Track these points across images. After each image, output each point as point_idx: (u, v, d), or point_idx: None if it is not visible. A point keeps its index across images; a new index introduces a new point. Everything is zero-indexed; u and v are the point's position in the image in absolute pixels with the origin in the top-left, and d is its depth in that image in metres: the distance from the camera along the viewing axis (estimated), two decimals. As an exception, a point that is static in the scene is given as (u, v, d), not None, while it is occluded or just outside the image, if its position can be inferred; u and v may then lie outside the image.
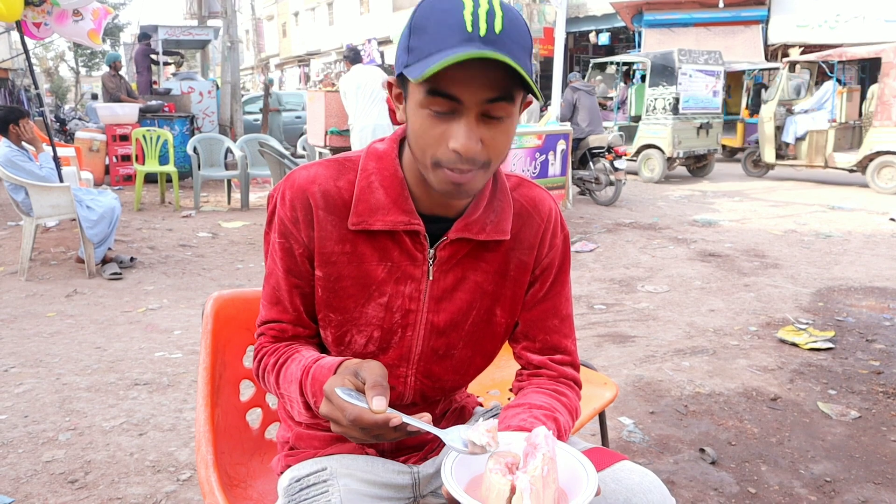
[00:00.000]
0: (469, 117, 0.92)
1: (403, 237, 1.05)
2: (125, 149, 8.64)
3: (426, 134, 0.94)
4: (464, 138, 0.91)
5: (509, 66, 0.88)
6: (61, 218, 4.96)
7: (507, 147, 0.98)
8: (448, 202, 1.05)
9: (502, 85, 0.91)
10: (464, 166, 0.93)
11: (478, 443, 0.86)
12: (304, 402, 1.01)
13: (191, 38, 11.91)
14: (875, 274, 5.03)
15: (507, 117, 0.94)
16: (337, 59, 30.70)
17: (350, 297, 1.07)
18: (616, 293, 4.60)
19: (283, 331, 1.11)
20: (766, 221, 7.20)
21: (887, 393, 2.99)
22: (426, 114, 0.93)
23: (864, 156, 9.37)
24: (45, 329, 3.73)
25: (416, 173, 1.04)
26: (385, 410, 0.83)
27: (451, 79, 0.90)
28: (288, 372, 1.04)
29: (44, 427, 2.61)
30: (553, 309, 1.15)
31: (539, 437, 0.87)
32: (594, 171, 7.98)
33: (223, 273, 4.99)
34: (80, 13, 5.32)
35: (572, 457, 0.91)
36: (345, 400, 0.84)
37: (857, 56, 10.24)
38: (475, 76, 0.90)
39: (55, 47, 33.75)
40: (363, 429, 0.84)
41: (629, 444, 2.54)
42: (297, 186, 1.06)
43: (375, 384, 0.86)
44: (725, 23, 16.46)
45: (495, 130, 0.94)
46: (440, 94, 0.91)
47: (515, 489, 0.83)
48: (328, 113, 6.88)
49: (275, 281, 1.10)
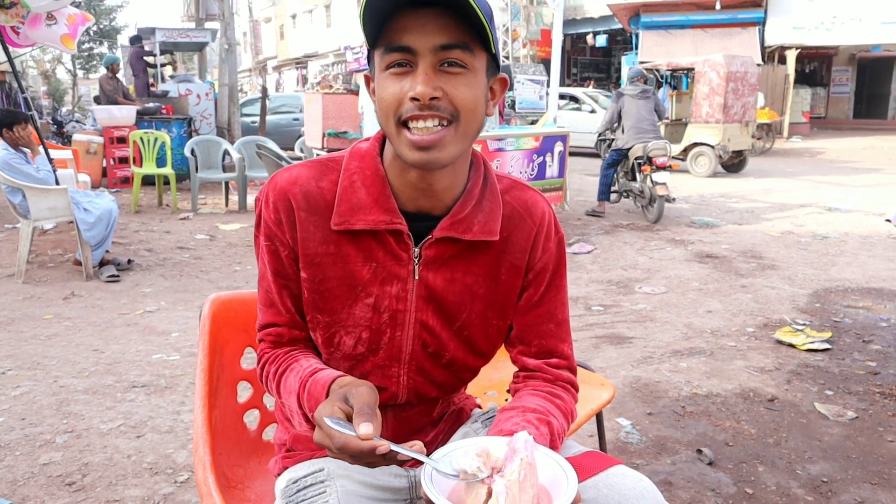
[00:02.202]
0: (425, 65, 0.93)
1: (387, 237, 1.05)
2: (123, 151, 8.63)
3: (387, 94, 0.95)
4: (420, 84, 0.92)
5: (461, 15, 0.91)
6: (58, 220, 4.95)
7: (474, 103, 0.97)
8: (430, 187, 1.03)
9: (455, 31, 0.92)
10: (426, 114, 0.93)
11: (469, 470, 0.86)
12: (303, 413, 1.03)
13: (188, 41, 11.91)
14: (871, 275, 5.05)
15: (469, 70, 0.95)
16: (335, 61, 30.71)
17: (336, 298, 1.07)
18: (614, 294, 4.61)
19: (280, 335, 1.12)
20: (764, 223, 7.22)
21: (884, 393, 3.00)
22: (387, 75, 0.95)
23: (684, 147, 11.37)
24: (42, 332, 3.73)
25: (399, 169, 1.04)
26: (371, 437, 0.83)
27: (403, 28, 0.92)
28: (287, 383, 1.05)
29: (41, 430, 2.60)
30: (548, 314, 1.14)
31: (519, 441, 0.88)
32: (640, 184, 7.22)
33: (221, 275, 4.99)
34: (53, 17, 5.27)
35: (555, 462, 0.91)
36: (333, 428, 0.84)
37: (681, 66, 12.39)
38: (426, 23, 0.92)
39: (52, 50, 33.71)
40: (352, 456, 0.85)
41: (627, 444, 2.54)
42: (279, 188, 1.07)
43: (361, 411, 0.86)
44: (722, 25, 16.53)
45: (456, 81, 0.94)
46: (393, 47, 0.93)
47: (492, 493, 0.84)
48: (326, 115, 6.90)
49: (266, 284, 1.11)
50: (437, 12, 0.92)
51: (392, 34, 0.93)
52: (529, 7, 19.16)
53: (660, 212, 7.09)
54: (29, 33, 5.29)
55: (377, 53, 0.97)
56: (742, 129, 11.34)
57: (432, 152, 0.95)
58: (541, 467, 0.89)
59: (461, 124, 0.96)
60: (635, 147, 7.08)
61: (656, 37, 17.10)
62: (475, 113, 0.97)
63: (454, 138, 0.96)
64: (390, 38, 0.93)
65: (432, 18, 0.92)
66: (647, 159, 6.95)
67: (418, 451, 0.86)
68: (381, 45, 0.95)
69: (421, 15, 0.92)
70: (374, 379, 1.08)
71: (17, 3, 4.95)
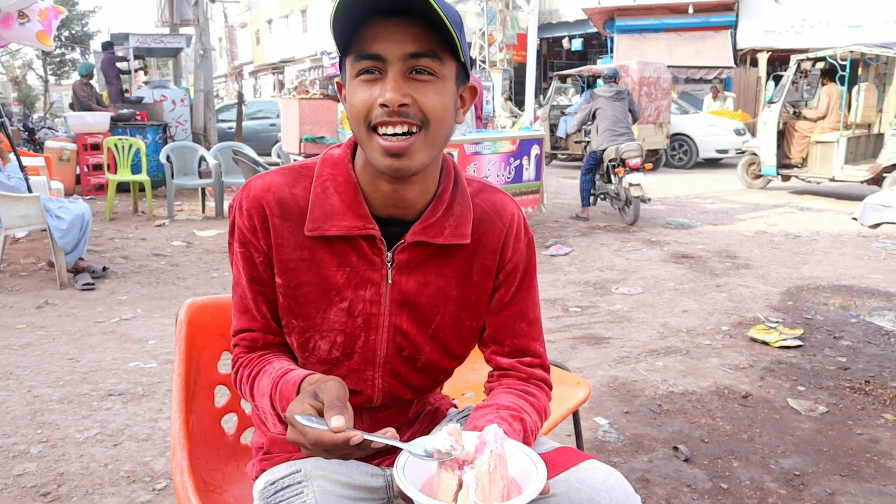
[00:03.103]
0: (394, 72, 0.95)
1: (360, 242, 1.06)
2: (97, 158, 8.53)
3: (358, 101, 0.97)
4: (389, 91, 0.94)
5: (430, 25, 0.93)
6: (31, 228, 4.88)
7: (443, 110, 0.98)
8: (401, 197, 1.05)
9: (424, 40, 0.94)
10: (395, 120, 0.95)
11: (442, 449, 0.87)
12: (276, 415, 1.04)
13: (163, 46, 11.77)
14: (842, 273, 5.15)
15: (438, 78, 0.97)
16: (312, 66, 30.61)
17: (311, 303, 1.08)
18: (591, 296, 4.65)
19: (254, 340, 1.13)
20: (738, 223, 7.33)
21: (853, 388, 3.07)
22: (358, 82, 0.97)
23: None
24: (15, 341, 3.67)
25: (370, 176, 1.05)
26: (344, 429, 0.85)
27: (373, 37, 0.94)
28: (260, 385, 1.06)
29: (14, 440, 2.57)
30: (520, 313, 1.16)
31: (489, 434, 0.90)
32: (615, 186, 7.25)
33: (198, 282, 4.95)
34: (25, 15, 5.13)
35: (525, 455, 0.94)
36: (304, 425, 0.86)
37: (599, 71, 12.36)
38: (396, 32, 0.93)
39: (22, 55, 33.19)
40: (327, 450, 0.86)
41: (604, 443, 2.57)
42: (253, 195, 1.08)
43: (332, 405, 0.88)
44: (695, 28, 16.75)
45: (425, 88, 0.96)
46: (363, 56, 0.95)
47: (462, 484, 0.85)
48: (303, 120, 6.86)
49: (241, 290, 1.12)
50: (407, 21, 0.94)
51: (362, 42, 0.95)
52: (505, 11, 19.27)
53: (636, 213, 7.14)
54: (3, 34, 5.18)
55: (348, 61, 0.99)
56: (656, 130, 11.93)
57: (402, 159, 0.97)
58: (511, 460, 0.91)
59: (430, 131, 0.98)
60: (609, 149, 7.10)
61: (631, 40, 17.29)
62: (444, 120, 0.99)
63: (423, 145, 0.98)
64: (361, 46, 0.95)
65: (402, 27, 0.94)
66: (620, 161, 6.99)
67: (391, 437, 0.88)
68: (352, 52, 0.97)
69: (391, 24, 0.94)
70: (350, 383, 1.09)
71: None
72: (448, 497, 0.86)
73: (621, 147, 6.98)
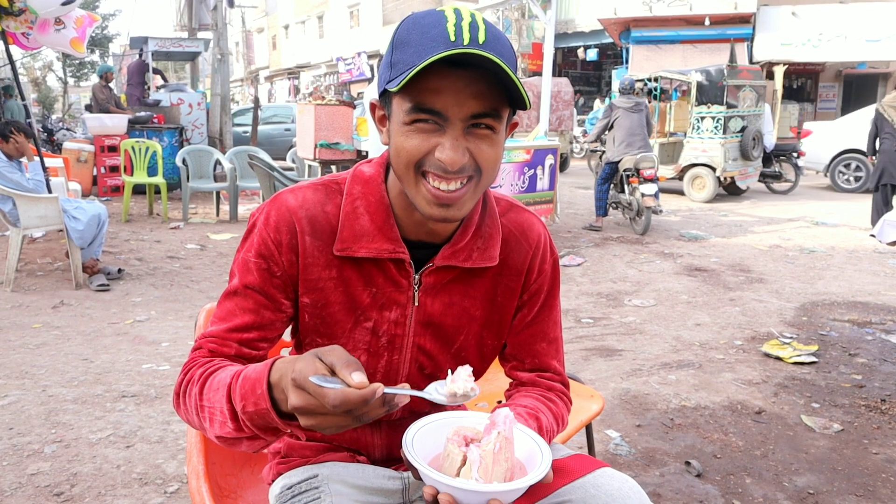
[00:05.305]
0: (455, 132, 0.91)
1: (388, 264, 1.05)
2: (113, 160, 8.61)
3: (411, 146, 0.92)
4: (450, 150, 0.90)
5: (494, 79, 0.88)
6: (48, 229, 4.93)
7: (496, 161, 0.96)
8: (435, 229, 1.04)
9: (488, 98, 0.90)
10: (450, 176, 0.92)
11: (459, 392, 0.88)
12: (230, 409, 0.88)
13: (181, 50, 11.89)
14: (857, 289, 5.10)
15: (495, 133, 0.94)
16: (327, 72, 30.80)
17: (338, 322, 1.07)
18: (603, 307, 4.64)
19: (225, 345, 1.02)
20: (752, 237, 7.28)
21: (869, 406, 3.03)
22: (410, 128, 0.92)
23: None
24: (30, 340, 3.71)
25: (403, 199, 1.03)
26: (367, 383, 0.76)
27: (435, 92, 0.88)
28: (216, 381, 0.93)
29: (29, 439, 2.59)
30: (541, 333, 1.17)
31: (499, 416, 0.91)
32: (628, 196, 7.29)
33: (211, 285, 4.98)
34: (61, 21, 5.23)
35: (531, 440, 0.96)
36: (322, 386, 0.74)
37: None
38: (460, 90, 0.88)
39: (43, 57, 33.64)
40: (349, 410, 0.75)
41: (616, 456, 2.56)
42: (285, 210, 1.04)
43: (348, 363, 0.78)
44: (711, 40, 16.70)
45: (481, 142, 0.93)
46: (423, 109, 0.90)
47: (466, 460, 0.87)
48: (318, 126, 6.89)
49: (235, 301, 1.04)
50: (472, 75, 0.88)
51: (422, 93, 0.89)
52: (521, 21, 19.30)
53: (647, 224, 7.18)
54: (39, 38, 5.27)
55: (400, 98, 0.93)
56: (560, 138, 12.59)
57: (451, 210, 0.95)
58: (518, 444, 0.93)
59: (481, 181, 0.96)
60: (625, 159, 7.21)
61: (646, 51, 17.28)
62: (495, 169, 0.97)
63: (473, 195, 0.97)
64: (420, 96, 0.89)
65: (467, 84, 0.88)
66: (635, 171, 7.07)
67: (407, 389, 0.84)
68: (409, 97, 0.91)
69: (454, 77, 0.88)
70: None
71: (25, 10, 4.95)
72: (451, 472, 0.88)
73: (637, 157, 7.07)
